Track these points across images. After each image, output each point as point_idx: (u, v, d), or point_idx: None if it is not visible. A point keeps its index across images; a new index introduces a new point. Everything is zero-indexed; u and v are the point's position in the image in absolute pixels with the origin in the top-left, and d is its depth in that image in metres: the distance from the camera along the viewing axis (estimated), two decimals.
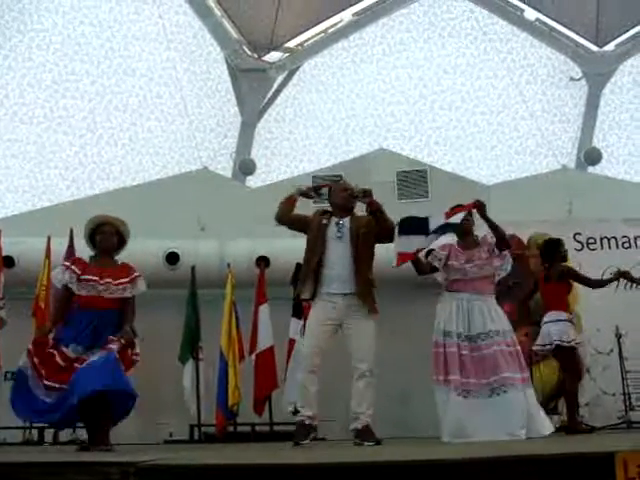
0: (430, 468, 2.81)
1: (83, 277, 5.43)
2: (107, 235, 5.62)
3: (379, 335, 5.55)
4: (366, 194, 5.52)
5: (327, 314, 5.41)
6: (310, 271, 5.48)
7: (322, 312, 5.44)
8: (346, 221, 5.56)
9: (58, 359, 5.25)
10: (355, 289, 5.39)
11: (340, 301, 5.40)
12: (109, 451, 5.01)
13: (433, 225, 5.78)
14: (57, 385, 5.20)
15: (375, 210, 5.51)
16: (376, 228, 5.50)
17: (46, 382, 5.22)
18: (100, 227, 5.65)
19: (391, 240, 5.63)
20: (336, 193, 5.71)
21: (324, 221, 5.58)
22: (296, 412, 7.42)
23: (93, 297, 5.41)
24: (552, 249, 6.89)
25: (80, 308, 5.44)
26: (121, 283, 5.51)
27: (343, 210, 5.62)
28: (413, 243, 5.76)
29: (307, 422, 5.32)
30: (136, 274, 5.65)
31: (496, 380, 5.47)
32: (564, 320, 6.62)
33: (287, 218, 5.78)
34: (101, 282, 5.43)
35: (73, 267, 5.49)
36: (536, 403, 5.66)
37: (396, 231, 5.71)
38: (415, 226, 5.83)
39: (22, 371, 5.35)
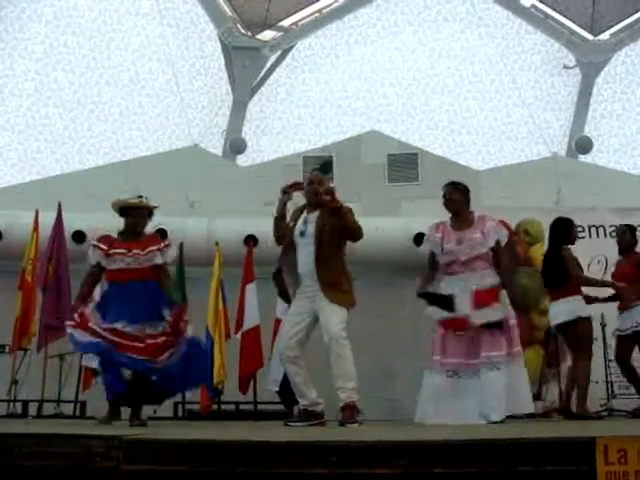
0: (409, 449, 2.82)
1: (111, 251, 5.47)
2: (140, 219, 5.64)
3: (364, 317, 5.57)
4: (327, 193, 5.43)
5: (302, 308, 5.50)
6: (289, 272, 5.64)
7: (297, 306, 5.54)
8: (313, 216, 5.53)
9: (112, 337, 5.19)
10: (319, 282, 5.40)
11: (310, 294, 5.46)
12: (144, 425, 5.07)
13: (460, 307, 5.59)
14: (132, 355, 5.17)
15: (333, 209, 5.43)
16: (340, 224, 5.45)
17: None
18: (134, 210, 5.64)
19: (352, 239, 5.57)
20: (304, 188, 5.69)
21: (292, 223, 5.63)
22: (280, 392, 7.51)
23: (123, 270, 5.44)
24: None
25: (112, 283, 5.48)
26: (150, 251, 5.51)
27: (310, 204, 5.60)
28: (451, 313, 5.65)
29: (310, 409, 5.39)
30: (166, 242, 5.72)
31: (480, 360, 5.48)
32: None
33: (283, 238, 5.77)
34: (129, 254, 5.45)
35: (100, 244, 5.52)
36: (525, 379, 5.65)
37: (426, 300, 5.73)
38: (442, 303, 5.69)
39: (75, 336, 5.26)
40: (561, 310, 6.57)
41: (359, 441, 2.95)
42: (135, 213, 5.63)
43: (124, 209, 5.66)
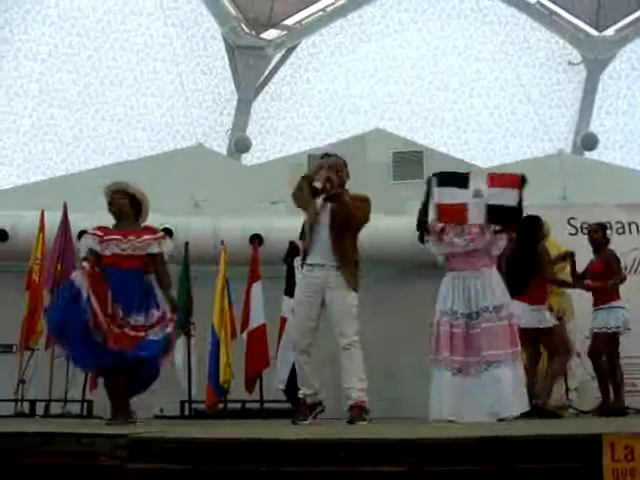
0: (416, 447, 2.82)
1: (106, 238, 5.37)
2: (115, 200, 5.56)
3: (369, 315, 5.55)
4: (329, 181, 5.42)
5: (309, 287, 5.48)
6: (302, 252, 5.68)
7: (304, 287, 5.53)
8: (327, 205, 5.55)
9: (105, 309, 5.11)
10: (334, 262, 5.41)
11: (319, 279, 5.44)
12: (134, 423, 5.03)
13: (474, 185, 5.72)
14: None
15: (331, 197, 5.45)
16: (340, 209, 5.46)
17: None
18: (112, 197, 5.60)
19: (352, 219, 5.52)
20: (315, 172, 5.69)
21: (312, 209, 5.60)
22: (286, 390, 7.52)
23: (117, 256, 5.33)
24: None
25: (105, 268, 5.32)
26: (145, 240, 5.42)
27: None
28: (457, 195, 5.73)
29: (309, 400, 5.37)
30: (161, 234, 5.61)
31: (484, 358, 5.49)
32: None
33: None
34: (124, 241, 5.36)
35: (96, 232, 5.44)
36: (523, 379, 5.66)
37: (434, 182, 5.79)
38: (455, 181, 5.80)
39: (77, 288, 5.14)
40: (533, 317, 6.56)
41: (366, 439, 2.94)
42: (115, 197, 5.57)
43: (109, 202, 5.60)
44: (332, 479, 2.77)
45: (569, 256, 7.29)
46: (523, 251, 6.65)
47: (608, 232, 7.60)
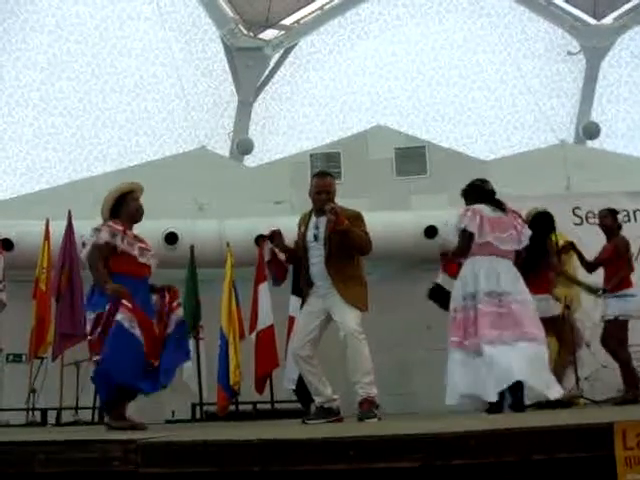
0: (427, 442, 2.82)
1: (137, 244, 5.18)
2: (139, 202, 5.35)
3: (377, 311, 5.57)
4: (332, 212, 5.37)
5: (314, 307, 5.51)
6: (302, 278, 5.64)
7: (310, 305, 5.55)
8: (322, 220, 5.53)
9: (155, 328, 5.01)
10: (331, 281, 5.42)
11: (322, 292, 5.47)
12: (137, 428, 4.95)
13: None
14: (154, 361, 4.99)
15: (335, 231, 5.41)
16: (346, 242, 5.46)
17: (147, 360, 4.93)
18: (131, 194, 5.34)
19: (360, 253, 5.58)
20: (311, 191, 5.66)
21: (302, 228, 5.64)
22: (296, 390, 7.51)
23: (143, 264, 5.17)
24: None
25: (125, 275, 5.08)
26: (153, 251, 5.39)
27: (318, 210, 5.60)
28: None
29: (326, 406, 5.39)
30: None
31: (522, 333, 5.45)
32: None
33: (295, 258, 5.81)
34: (150, 252, 5.25)
35: (120, 228, 5.14)
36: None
37: None
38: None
39: (126, 329, 4.84)
40: (540, 307, 6.46)
41: (377, 435, 2.94)
42: (135, 196, 5.35)
43: (120, 199, 5.32)
44: (343, 477, 2.77)
45: (570, 246, 7.24)
46: (533, 243, 6.64)
47: (619, 217, 7.53)
